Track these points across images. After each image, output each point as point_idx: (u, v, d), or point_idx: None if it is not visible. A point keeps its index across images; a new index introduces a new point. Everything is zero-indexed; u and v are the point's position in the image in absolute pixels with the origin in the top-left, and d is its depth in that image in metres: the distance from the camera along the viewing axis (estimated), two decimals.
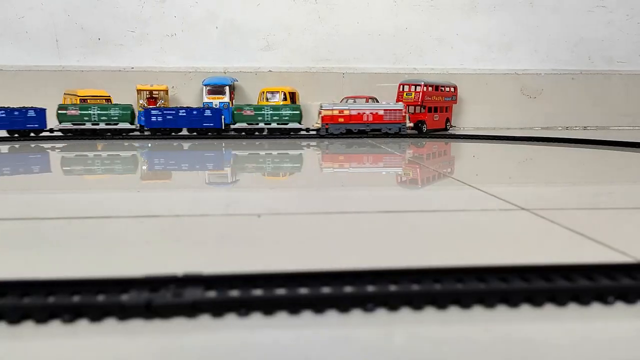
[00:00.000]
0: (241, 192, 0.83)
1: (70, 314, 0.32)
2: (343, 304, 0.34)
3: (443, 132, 1.91)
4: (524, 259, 0.45)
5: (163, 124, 1.60)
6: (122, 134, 1.61)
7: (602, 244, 0.49)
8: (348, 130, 1.67)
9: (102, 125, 1.59)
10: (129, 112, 1.59)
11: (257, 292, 0.35)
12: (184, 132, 1.67)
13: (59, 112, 1.57)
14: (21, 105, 1.58)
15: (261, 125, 1.68)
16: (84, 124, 1.58)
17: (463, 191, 0.79)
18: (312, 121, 1.83)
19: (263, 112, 1.66)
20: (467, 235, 0.55)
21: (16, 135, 1.55)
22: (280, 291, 0.35)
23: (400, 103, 1.72)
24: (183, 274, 0.36)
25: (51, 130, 1.61)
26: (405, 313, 0.34)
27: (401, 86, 1.89)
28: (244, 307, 0.33)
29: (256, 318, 0.33)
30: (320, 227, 0.57)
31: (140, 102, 1.76)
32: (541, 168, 1.14)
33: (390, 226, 0.58)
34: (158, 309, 0.32)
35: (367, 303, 0.34)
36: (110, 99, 1.72)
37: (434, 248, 0.49)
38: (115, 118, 1.59)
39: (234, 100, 1.86)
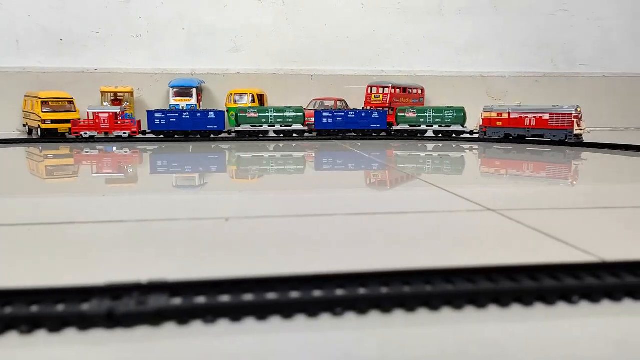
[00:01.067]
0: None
1: (28, 325, 0.31)
2: (312, 309, 0.33)
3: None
4: (491, 260, 0.45)
5: (333, 125, 1.67)
6: (293, 134, 1.69)
7: (567, 244, 0.50)
8: (506, 135, 1.56)
9: (277, 127, 1.67)
10: (302, 114, 1.69)
11: (225, 298, 0.34)
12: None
13: (240, 114, 1.66)
14: None
15: (423, 127, 1.66)
16: (262, 126, 1.65)
17: (430, 192, 0.80)
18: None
19: (425, 114, 1.65)
20: (435, 237, 0.55)
21: (198, 135, 1.64)
22: (249, 297, 0.34)
23: (571, 106, 1.50)
24: (147, 280, 0.35)
25: (229, 132, 1.68)
26: (374, 317, 0.34)
27: (369, 88, 1.90)
28: (210, 314, 0.32)
29: (223, 325, 0.32)
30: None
31: (105, 104, 1.72)
32: (506, 169, 1.17)
33: (361, 228, 0.57)
34: (120, 318, 0.31)
35: (336, 307, 0.34)
36: (73, 101, 1.67)
37: (401, 250, 0.49)
38: (289, 120, 1.67)
39: (201, 103, 1.84)
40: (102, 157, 1.30)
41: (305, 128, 1.69)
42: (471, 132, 1.65)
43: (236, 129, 1.65)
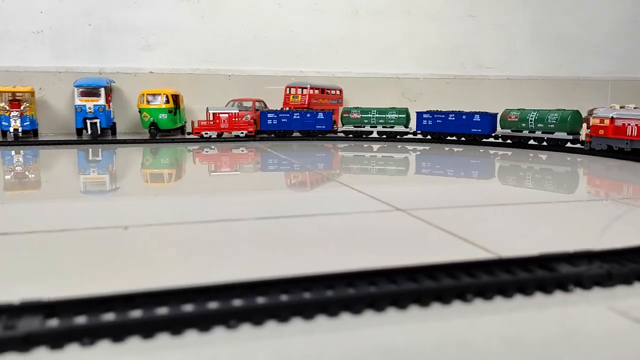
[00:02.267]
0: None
1: None
2: (204, 323, 0.32)
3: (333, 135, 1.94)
4: (393, 260, 0.45)
5: (433, 127, 1.66)
6: (397, 136, 1.72)
7: (468, 241, 0.52)
8: (609, 147, 1.27)
9: (379, 128, 1.71)
10: (405, 115, 1.70)
11: (108, 316, 0.31)
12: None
13: (344, 115, 1.76)
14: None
15: (525, 133, 1.51)
16: (364, 127, 1.72)
17: (344, 193, 0.80)
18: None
19: (527, 118, 1.51)
20: (342, 239, 0.55)
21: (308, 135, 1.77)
22: (136, 313, 0.32)
23: None
24: (20, 301, 0.31)
25: (334, 132, 1.79)
26: (271, 327, 0.32)
27: (288, 89, 1.89)
28: (88, 335, 0.29)
29: (103, 346, 0.29)
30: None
31: (1, 104, 1.59)
32: (417, 168, 1.20)
33: (266, 232, 0.56)
34: None
35: (230, 319, 0.32)
36: None
37: (305, 254, 0.48)
38: (392, 121, 1.70)
39: (110, 103, 1.75)
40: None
41: (409, 130, 1.71)
42: (582, 142, 1.37)
43: (341, 128, 1.76)
